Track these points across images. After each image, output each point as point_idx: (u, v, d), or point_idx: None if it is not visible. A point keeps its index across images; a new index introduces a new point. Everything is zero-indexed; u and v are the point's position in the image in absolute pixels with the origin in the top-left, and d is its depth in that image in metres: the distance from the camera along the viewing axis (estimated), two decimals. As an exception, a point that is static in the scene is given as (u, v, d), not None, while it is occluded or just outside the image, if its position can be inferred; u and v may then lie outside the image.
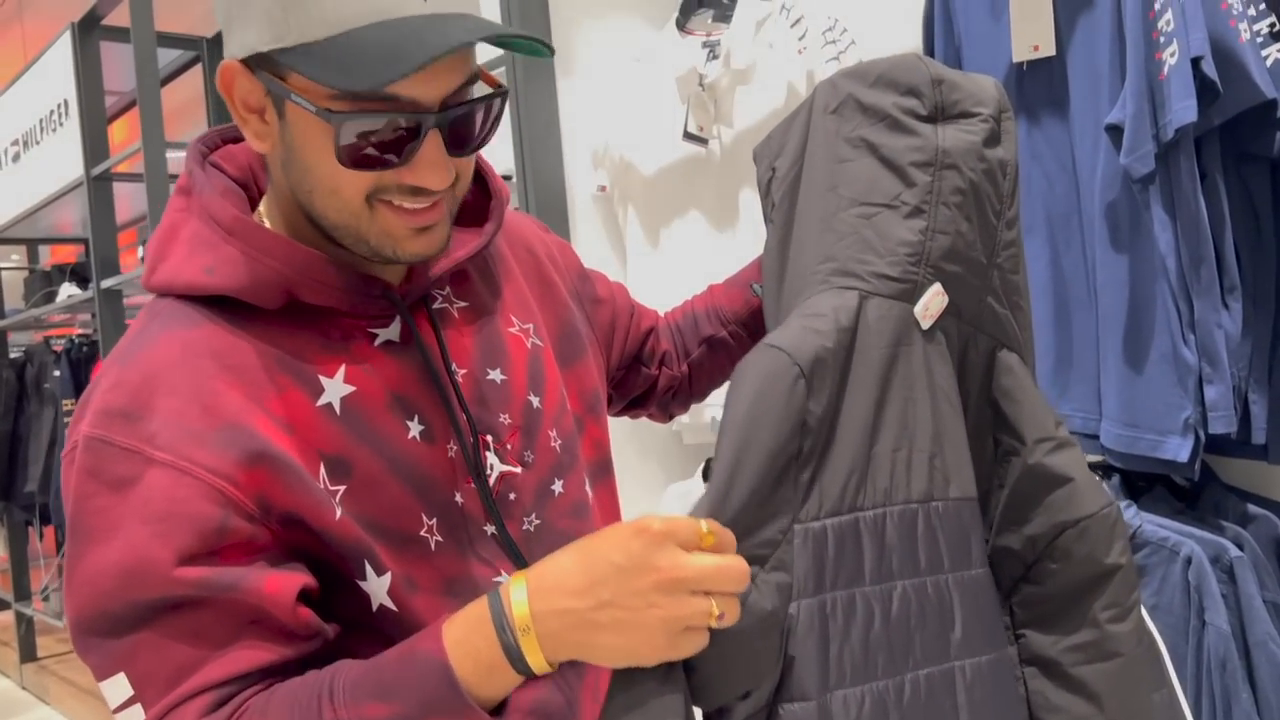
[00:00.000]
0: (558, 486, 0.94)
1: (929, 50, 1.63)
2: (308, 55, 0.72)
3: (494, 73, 2.73)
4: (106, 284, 3.56)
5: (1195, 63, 1.25)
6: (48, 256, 6.26)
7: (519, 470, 0.91)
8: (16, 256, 6.50)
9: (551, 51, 0.80)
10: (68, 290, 4.68)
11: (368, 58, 0.71)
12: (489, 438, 0.89)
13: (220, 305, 0.81)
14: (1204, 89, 1.26)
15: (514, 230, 1.04)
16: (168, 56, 4.13)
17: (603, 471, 1.03)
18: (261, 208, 0.88)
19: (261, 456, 0.77)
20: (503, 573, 0.87)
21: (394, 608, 0.81)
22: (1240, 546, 1.37)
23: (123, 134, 4.64)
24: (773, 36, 1.76)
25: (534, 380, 0.95)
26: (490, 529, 0.88)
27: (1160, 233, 1.30)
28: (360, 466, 0.81)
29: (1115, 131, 1.33)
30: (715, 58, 1.91)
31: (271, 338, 0.81)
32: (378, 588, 0.81)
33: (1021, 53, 1.47)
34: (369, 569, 0.80)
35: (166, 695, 0.74)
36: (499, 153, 2.48)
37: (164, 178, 3.46)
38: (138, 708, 0.75)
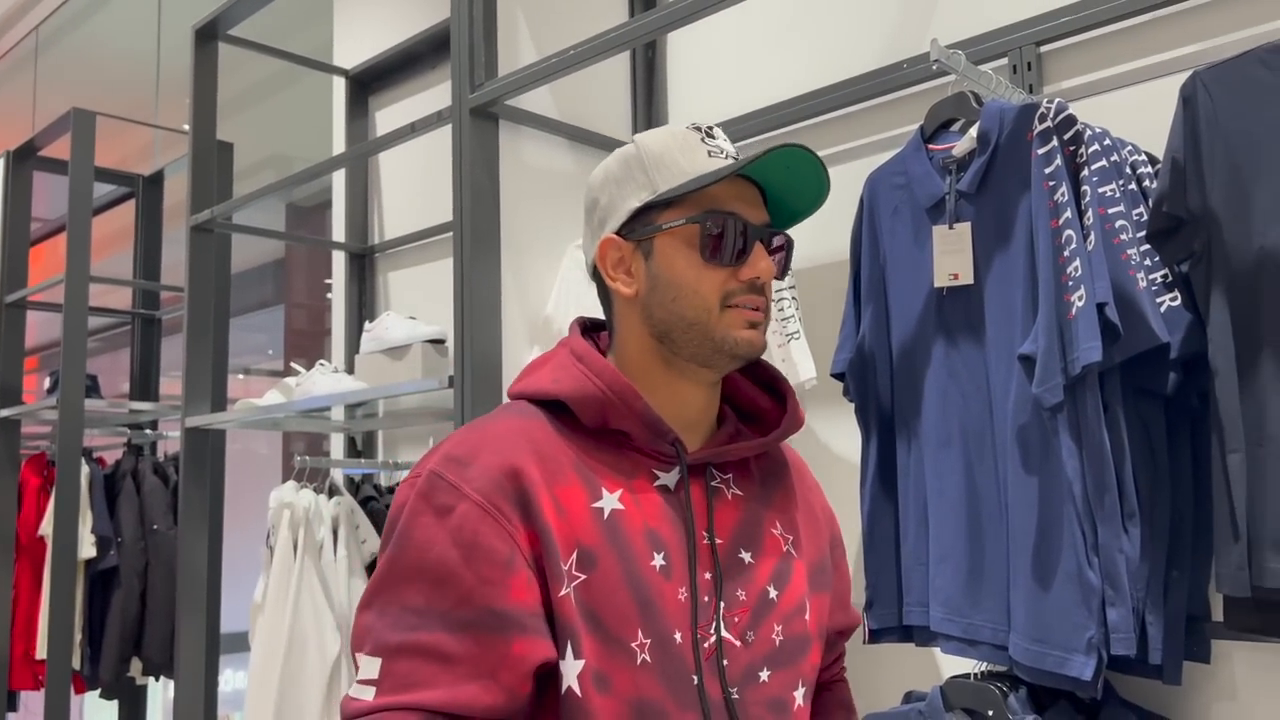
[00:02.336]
0: (764, 674, 1.03)
1: (855, 268, 1.74)
2: (670, 194, 1.04)
3: (434, 239, 2.81)
4: (4, 414, 3.43)
5: (1100, 308, 1.37)
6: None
7: (738, 644, 1.01)
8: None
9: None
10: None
11: (712, 177, 1.02)
12: (721, 604, 1.01)
13: (556, 412, 1.03)
14: (1107, 330, 1.38)
15: (806, 476, 1.24)
16: (99, 189, 4.13)
17: (810, 695, 1.11)
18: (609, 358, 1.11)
19: (534, 522, 0.95)
20: None
21: (579, 694, 0.93)
22: (1139, 766, 1.41)
23: (36, 260, 4.58)
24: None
25: (778, 576, 1.07)
26: (695, 680, 0.98)
27: (1067, 459, 1.39)
28: (603, 565, 0.96)
29: (1027, 361, 1.44)
30: (656, 253, 2.01)
31: (580, 445, 1.02)
32: (571, 670, 0.94)
33: (942, 279, 1.59)
34: (570, 650, 0.94)
35: (393, 695, 0.91)
36: (435, 316, 2.53)
37: (83, 308, 3.41)
38: (372, 690, 0.92)
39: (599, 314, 1.17)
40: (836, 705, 1.28)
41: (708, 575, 1.01)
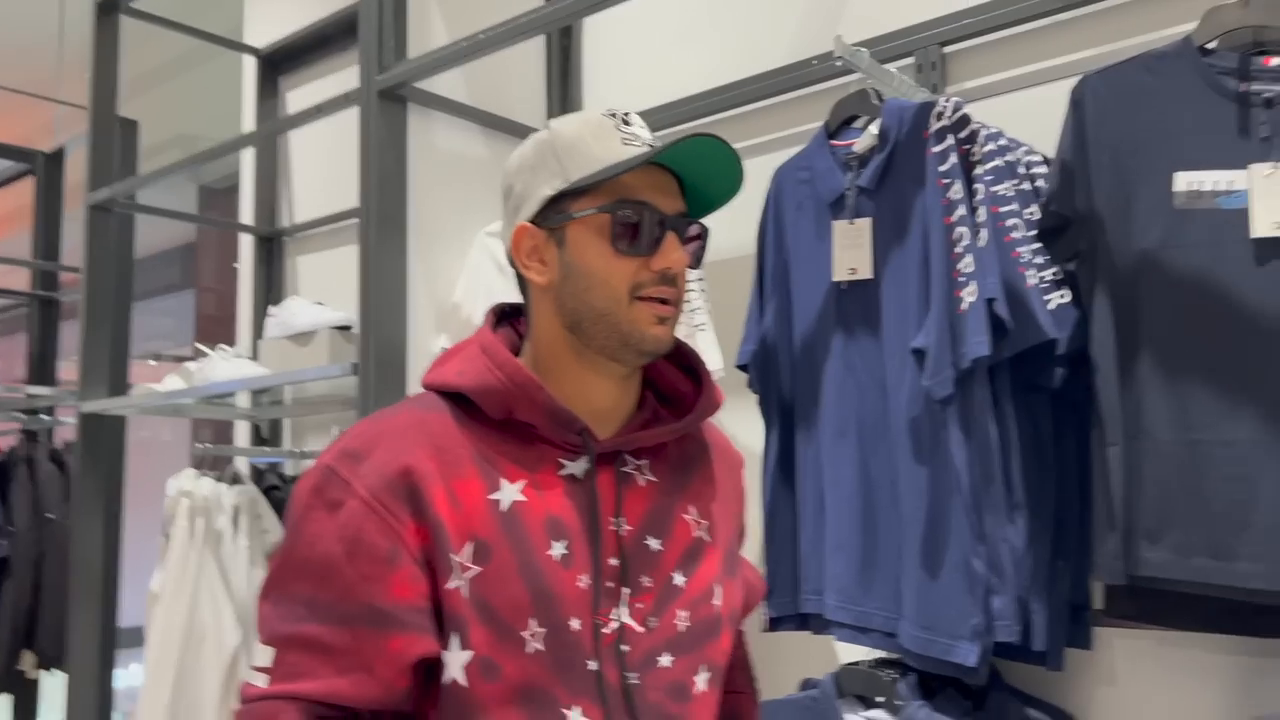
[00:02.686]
0: (665, 660, 1.03)
1: (760, 261, 1.76)
2: (582, 182, 1.02)
3: (344, 224, 2.76)
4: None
5: (990, 303, 1.40)
6: None
7: (640, 629, 1.02)
8: None
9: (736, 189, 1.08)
10: None
11: (624, 166, 1.00)
12: (625, 590, 1.02)
13: (460, 404, 1.03)
14: (996, 326, 1.41)
15: (729, 455, 1.22)
16: (-2, 165, 3.98)
17: (719, 679, 1.11)
18: (522, 360, 1.10)
19: (425, 518, 0.96)
20: (578, 708, 0.97)
21: (463, 684, 0.96)
22: (1020, 750, 1.45)
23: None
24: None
25: (686, 562, 1.07)
26: (593, 665, 0.99)
27: (956, 451, 1.43)
28: (498, 556, 0.97)
29: (919, 355, 1.47)
30: (564, 241, 2.00)
31: (483, 437, 1.02)
32: (455, 661, 0.96)
33: (841, 273, 1.61)
34: (456, 642, 0.96)
35: (280, 684, 0.95)
36: (343, 302, 2.49)
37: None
38: (265, 678, 0.96)
39: (510, 299, 1.16)
40: (735, 661, 1.27)
41: (613, 562, 1.01)
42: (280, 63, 3.11)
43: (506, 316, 1.17)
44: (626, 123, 1.05)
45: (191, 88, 4.53)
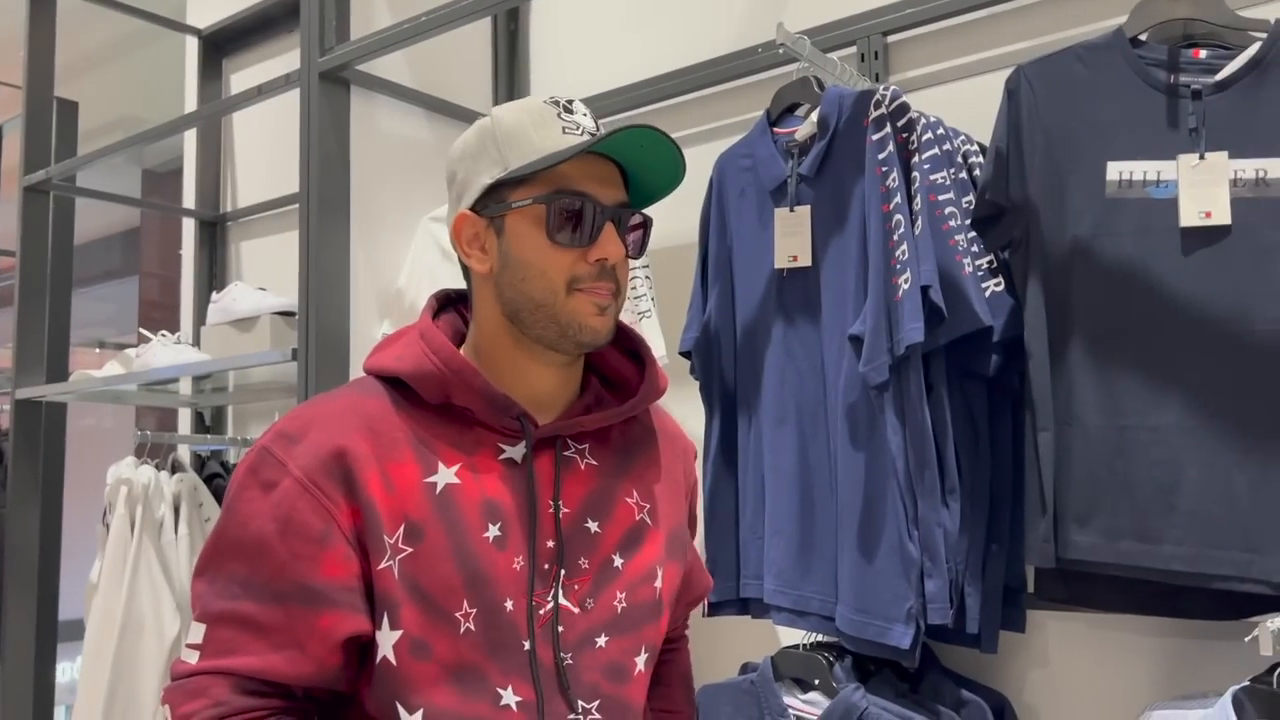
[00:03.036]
0: (602, 640, 1.04)
1: (703, 249, 1.76)
2: (522, 170, 1.01)
3: (289, 209, 2.72)
4: None
5: (925, 290, 1.42)
6: None
7: (576, 610, 1.03)
8: None
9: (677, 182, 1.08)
10: None
11: (560, 156, 1.00)
12: (562, 571, 1.02)
13: (400, 389, 1.04)
14: (932, 313, 1.43)
15: (678, 441, 1.23)
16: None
17: (654, 660, 1.13)
18: (465, 347, 1.11)
19: (357, 499, 0.97)
20: (509, 687, 0.98)
21: (393, 662, 0.96)
22: (953, 731, 1.47)
23: None
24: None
25: (626, 544, 1.08)
26: (527, 645, 1.00)
27: (891, 436, 1.44)
28: (430, 538, 0.98)
29: (856, 342, 1.48)
30: (508, 227, 1.99)
31: (419, 421, 1.02)
32: (386, 640, 0.97)
33: (782, 261, 1.62)
34: (386, 621, 0.97)
35: (211, 660, 0.96)
36: (288, 288, 2.46)
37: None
38: (196, 654, 0.97)
39: (456, 285, 1.16)
40: (676, 678, 1.30)
41: (550, 544, 1.02)
42: (223, 44, 3.06)
43: (452, 302, 1.17)
44: (569, 111, 1.04)
45: (133, 69, 4.43)
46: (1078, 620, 1.64)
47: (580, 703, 1.02)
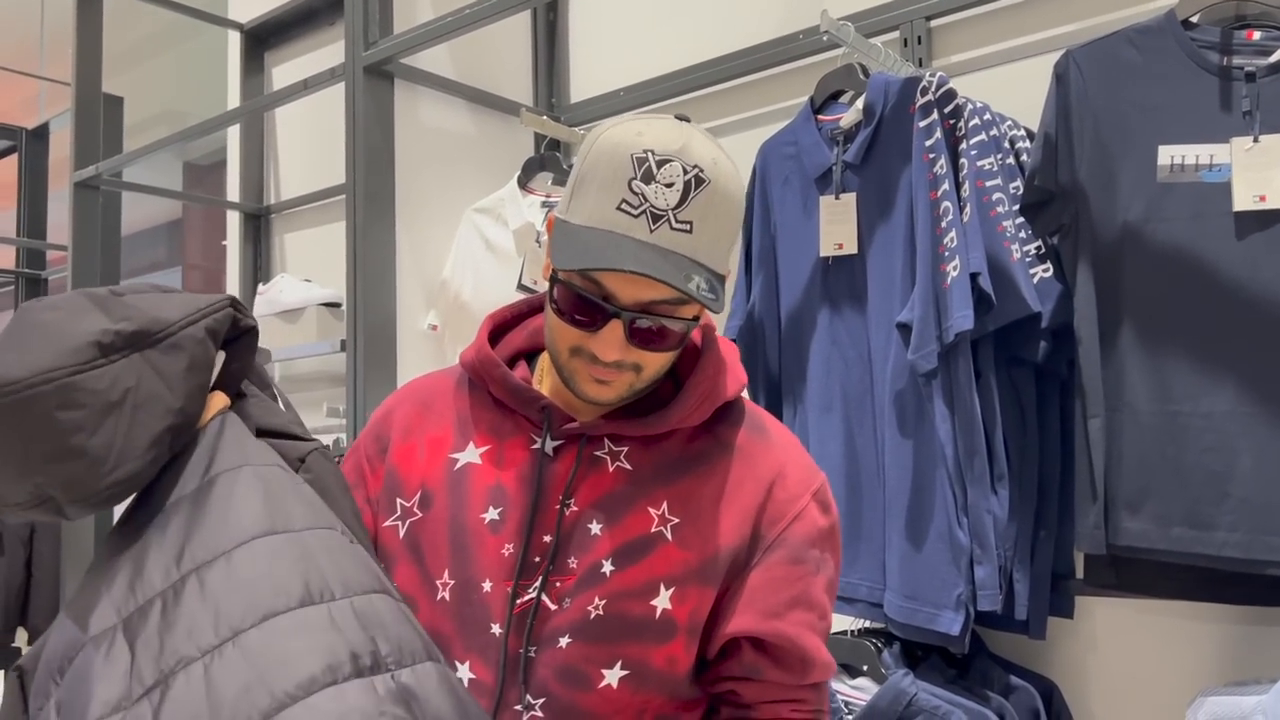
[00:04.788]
0: (564, 642, 1.01)
1: (746, 237, 1.77)
2: (564, 229, 0.98)
3: (331, 201, 2.75)
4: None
5: (974, 277, 1.42)
6: None
7: (553, 607, 1.02)
8: None
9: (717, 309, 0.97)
10: None
11: (576, 248, 0.94)
12: (550, 567, 1.02)
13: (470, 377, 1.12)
14: (980, 300, 1.43)
15: (765, 468, 1.07)
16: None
17: (657, 687, 1.03)
18: None
19: (386, 461, 1.10)
20: (468, 663, 1.01)
21: None
22: (1003, 717, 1.48)
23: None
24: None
25: (624, 553, 1.01)
26: (497, 630, 1.01)
27: (940, 424, 1.44)
28: (436, 507, 1.06)
29: (904, 329, 1.48)
30: (552, 218, 2.00)
31: (471, 404, 1.10)
32: None
33: (828, 249, 1.62)
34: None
35: None
36: (332, 280, 2.49)
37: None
38: None
39: (497, 278, 1.19)
40: None
41: (546, 539, 1.02)
42: (265, 38, 3.08)
43: None
44: (649, 178, 0.94)
45: (176, 64, 4.49)
46: (1126, 606, 1.63)
47: (528, 697, 1.00)
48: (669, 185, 0.94)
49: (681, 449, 1.06)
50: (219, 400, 0.97)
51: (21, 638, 3.66)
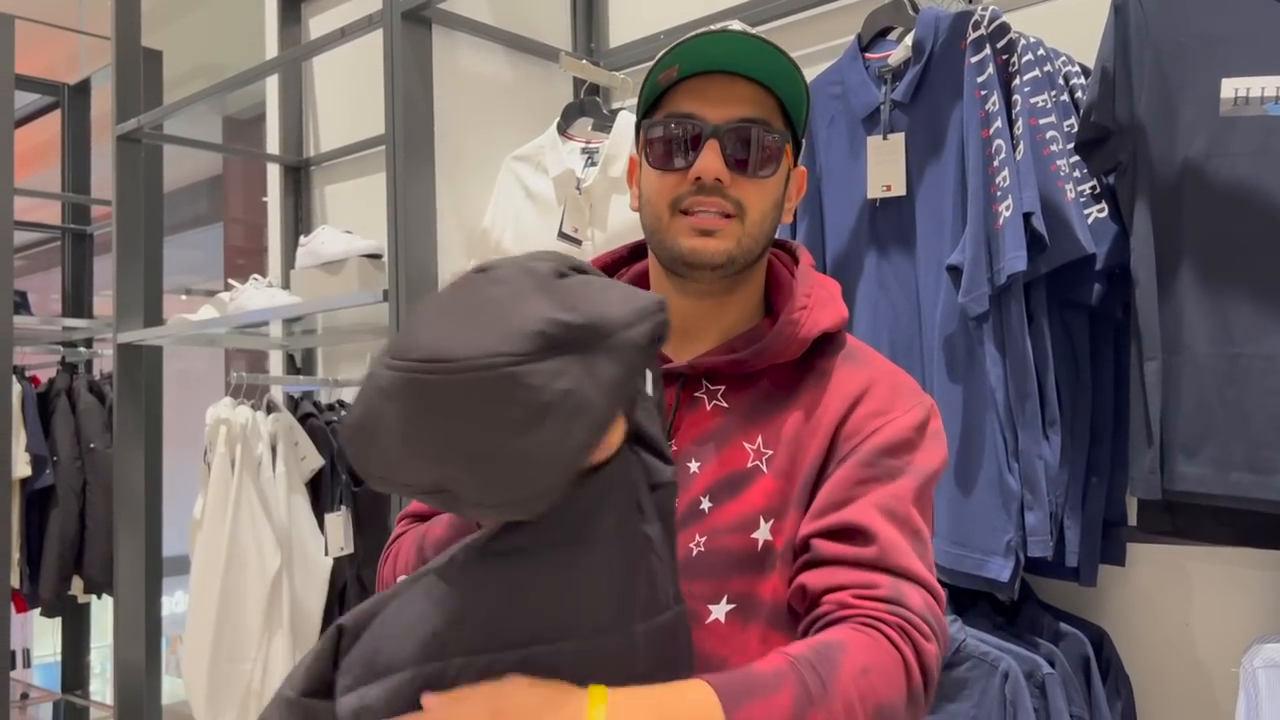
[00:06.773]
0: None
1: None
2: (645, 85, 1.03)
3: (371, 152, 2.74)
4: (-69, 330, 3.34)
5: (1027, 217, 1.38)
6: None
7: None
8: None
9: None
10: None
11: (661, 63, 1.00)
12: None
13: None
14: (1034, 241, 1.39)
15: (850, 387, 1.04)
16: (23, 99, 3.98)
17: (763, 617, 1.00)
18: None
19: None
20: None
21: None
22: (1052, 664, 1.46)
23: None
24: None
25: (723, 489, 1.00)
26: None
27: (991, 368, 1.42)
28: None
29: (955, 272, 1.45)
30: (593, 164, 1.98)
31: None
32: None
33: (875, 191, 1.59)
34: None
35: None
36: (373, 231, 2.49)
37: (8, 223, 3.31)
38: None
39: (538, 226, 1.17)
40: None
41: None
42: (301, -12, 3.07)
43: None
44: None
45: (214, 17, 4.49)
46: (1178, 553, 1.61)
47: None
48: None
49: (776, 385, 1.05)
50: (621, 426, 0.84)
51: (77, 585, 3.76)
